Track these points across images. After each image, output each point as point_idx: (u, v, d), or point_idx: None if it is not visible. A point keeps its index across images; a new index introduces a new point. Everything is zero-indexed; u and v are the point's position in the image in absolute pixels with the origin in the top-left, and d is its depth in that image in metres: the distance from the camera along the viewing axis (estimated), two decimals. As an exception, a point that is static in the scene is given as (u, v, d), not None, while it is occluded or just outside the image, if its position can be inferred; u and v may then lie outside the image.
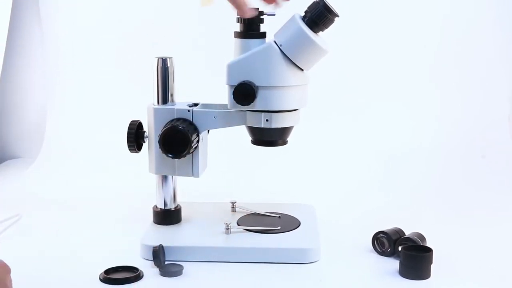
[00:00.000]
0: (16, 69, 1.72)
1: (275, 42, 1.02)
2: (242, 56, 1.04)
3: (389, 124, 1.65)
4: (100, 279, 0.97)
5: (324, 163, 1.55)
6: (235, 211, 1.20)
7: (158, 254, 1.00)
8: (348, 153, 1.58)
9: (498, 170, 1.55)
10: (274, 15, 1.04)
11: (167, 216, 1.15)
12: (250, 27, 1.05)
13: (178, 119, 1.08)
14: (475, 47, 1.69)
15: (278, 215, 1.17)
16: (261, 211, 1.18)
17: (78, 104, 1.68)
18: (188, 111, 1.09)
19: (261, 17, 1.05)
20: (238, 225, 1.12)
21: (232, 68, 1.04)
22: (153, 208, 1.16)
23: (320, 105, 1.36)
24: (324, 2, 1.00)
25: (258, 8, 1.04)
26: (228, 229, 1.08)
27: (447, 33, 1.68)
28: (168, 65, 1.11)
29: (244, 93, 1.02)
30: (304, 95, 1.06)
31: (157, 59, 1.11)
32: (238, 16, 1.05)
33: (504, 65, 1.70)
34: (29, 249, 1.07)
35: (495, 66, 1.70)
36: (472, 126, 1.67)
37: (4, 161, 1.74)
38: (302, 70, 1.04)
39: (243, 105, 1.03)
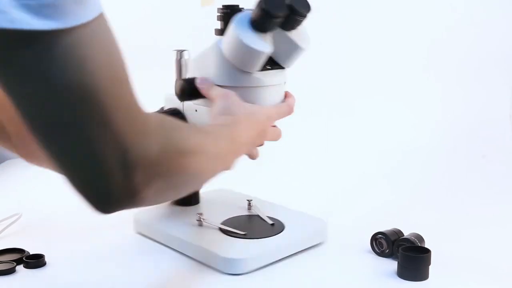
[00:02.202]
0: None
1: None
2: (200, 52, 1.01)
3: (388, 124, 1.65)
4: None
5: (321, 162, 1.55)
6: (250, 209, 1.19)
7: None
8: (347, 153, 1.58)
9: (498, 170, 1.55)
10: None
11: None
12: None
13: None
14: (476, 45, 1.69)
15: (272, 222, 1.12)
16: (267, 216, 1.14)
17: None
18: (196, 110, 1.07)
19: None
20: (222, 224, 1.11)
21: (193, 62, 1.04)
22: None
23: (319, 105, 1.37)
24: (264, 2, 0.91)
25: None
26: (200, 221, 1.10)
27: (448, 31, 1.68)
28: (186, 57, 1.12)
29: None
30: (261, 96, 1.00)
31: (175, 51, 1.12)
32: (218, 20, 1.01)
33: (504, 64, 1.70)
34: (28, 248, 1.07)
35: (495, 65, 1.70)
36: (472, 126, 1.67)
37: (4, 161, 1.74)
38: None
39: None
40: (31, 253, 1.04)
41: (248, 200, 1.19)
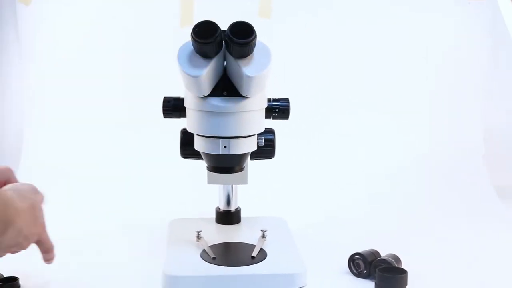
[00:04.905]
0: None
1: None
2: None
3: (368, 145, 1.65)
4: None
5: (299, 182, 1.55)
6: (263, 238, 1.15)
7: None
8: (325, 174, 1.58)
9: (475, 195, 1.56)
10: None
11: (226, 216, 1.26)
12: None
13: None
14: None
15: (254, 255, 1.07)
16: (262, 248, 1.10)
17: (57, 125, 1.65)
18: None
19: None
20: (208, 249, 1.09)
21: None
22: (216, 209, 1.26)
23: (302, 124, 1.36)
24: (194, 28, 0.91)
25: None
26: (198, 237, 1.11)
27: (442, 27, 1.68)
28: None
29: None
30: (215, 122, 0.99)
31: None
32: None
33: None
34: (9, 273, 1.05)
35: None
36: (454, 157, 1.67)
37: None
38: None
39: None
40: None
41: (262, 231, 1.15)
